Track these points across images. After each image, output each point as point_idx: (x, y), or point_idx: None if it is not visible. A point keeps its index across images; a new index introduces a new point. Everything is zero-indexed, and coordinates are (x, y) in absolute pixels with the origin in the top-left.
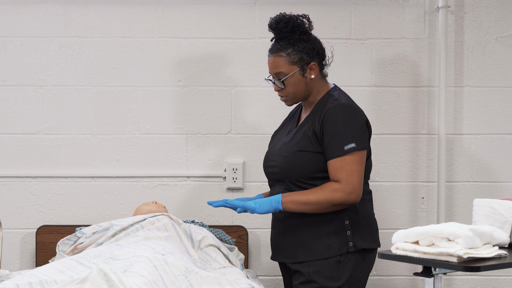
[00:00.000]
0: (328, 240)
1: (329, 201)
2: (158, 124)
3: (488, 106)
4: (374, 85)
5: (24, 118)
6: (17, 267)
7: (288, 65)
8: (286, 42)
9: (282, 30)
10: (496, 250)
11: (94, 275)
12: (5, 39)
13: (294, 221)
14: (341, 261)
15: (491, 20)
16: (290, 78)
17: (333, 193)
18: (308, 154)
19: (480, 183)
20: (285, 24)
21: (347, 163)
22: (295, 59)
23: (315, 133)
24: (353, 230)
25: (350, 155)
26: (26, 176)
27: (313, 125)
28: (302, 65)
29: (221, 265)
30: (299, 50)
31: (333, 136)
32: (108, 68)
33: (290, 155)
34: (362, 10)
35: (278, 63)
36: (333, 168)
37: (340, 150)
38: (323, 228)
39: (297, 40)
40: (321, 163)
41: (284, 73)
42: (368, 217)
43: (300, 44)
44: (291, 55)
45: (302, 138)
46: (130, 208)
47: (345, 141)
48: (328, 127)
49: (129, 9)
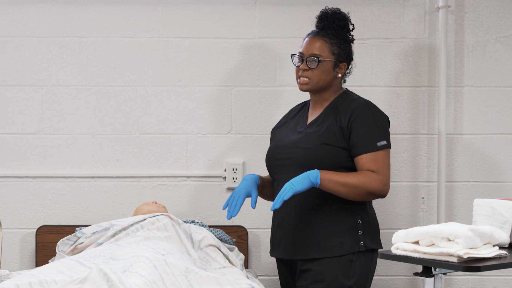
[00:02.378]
0: (341, 238)
1: (366, 188)
2: (158, 124)
3: (488, 106)
4: (375, 85)
5: (24, 118)
6: (17, 267)
7: (328, 52)
8: (334, 33)
9: (336, 22)
10: (496, 250)
11: (94, 275)
12: (5, 39)
13: (305, 217)
14: (353, 260)
15: (491, 20)
16: (324, 64)
17: (371, 181)
18: (331, 148)
19: (480, 183)
20: (342, 18)
21: (380, 156)
22: (336, 51)
23: (341, 129)
24: (364, 230)
25: (383, 151)
26: (26, 176)
27: (339, 121)
28: (337, 60)
29: (221, 265)
30: (341, 46)
31: (365, 132)
32: (108, 68)
33: (313, 147)
34: (362, 10)
35: (321, 45)
36: (366, 160)
37: (373, 146)
38: (336, 225)
39: (344, 37)
40: (342, 159)
41: (322, 56)
42: (374, 219)
43: (344, 42)
44: (334, 46)
45: (326, 132)
46: (130, 208)
47: (377, 138)
48: (359, 123)
49: (129, 9)
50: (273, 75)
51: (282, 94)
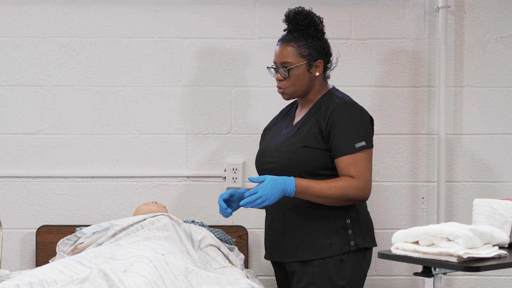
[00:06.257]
0: (330, 239)
1: (344, 196)
2: (158, 124)
3: (488, 106)
4: (374, 85)
5: (24, 118)
6: (17, 267)
7: (297, 57)
8: (300, 34)
9: (299, 22)
10: (496, 250)
11: (94, 275)
12: (5, 39)
13: (294, 219)
14: (344, 260)
15: (491, 20)
16: (296, 70)
17: (348, 188)
18: (312, 150)
19: (480, 183)
20: (304, 17)
21: (359, 159)
22: (305, 52)
23: (321, 130)
24: (354, 229)
25: (361, 153)
26: (26, 176)
27: (318, 122)
28: (310, 61)
29: (221, 265)
30: (310, 45)
31: (343, 133)
32: (108, 68)
33: (294, 151)
34: (362, 10)
35: (287, 52)
36: (345, 164)
37: (351, 147)
38: (325, 226)
39: (311, 35)
40: (324, 160)
41: (291, 63)
42: (366, 216)
43: (313, 40)
44: (302, 48)
45: (307, 134)
46: (130, 208)
47: (355, 139)
48: (337, 124)
49: (129, 9)
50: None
51: None
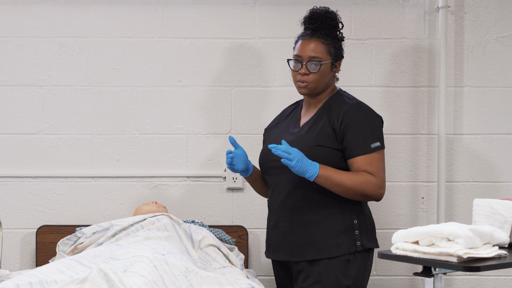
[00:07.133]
0: (337, 238)
1: (361, 191)
2: (158, 124)
3: (488, 106)
4: (374, 85)
5: (24, 118)
6: (17, 267)
7: (326, 54)
8: (327, 33)
9: (328, 22)
10: (496, 250)
11: (94, 275)
12: (5, 39)
13: (301, 219)
14: (350, 260)
15: (491, 20)
16: (324, 66)
17: (367, 184)
18: (325, 149)
19: (480, 183)
20: (333, 17)
21: (374, 159)
22: (332, 51)
23: (334, 130)
24: (361, 230)
25: (376, 153)
26: (26, 176)
27: (331, 122)
28: (334, 60)
29: (221, 265)
30: (336, 46)
31: (359, 134)
32: (108, 68)
33: (306, 149)
34: (362, 10)
35: (318, 48)
36: (361, 163)
37: (367, 147)
38: (333, 226)
39: (336, 36)
40: (336, 160)
41: (321, 58)
42: (370, 218)
43: (337, 41)
44: (330, 46)
45: (320, 133)
46: (130, 208)
47: (371, 139)
48: (353, 125)
49: (129, 9)
50: (273, 75)
51: (282, 94)
